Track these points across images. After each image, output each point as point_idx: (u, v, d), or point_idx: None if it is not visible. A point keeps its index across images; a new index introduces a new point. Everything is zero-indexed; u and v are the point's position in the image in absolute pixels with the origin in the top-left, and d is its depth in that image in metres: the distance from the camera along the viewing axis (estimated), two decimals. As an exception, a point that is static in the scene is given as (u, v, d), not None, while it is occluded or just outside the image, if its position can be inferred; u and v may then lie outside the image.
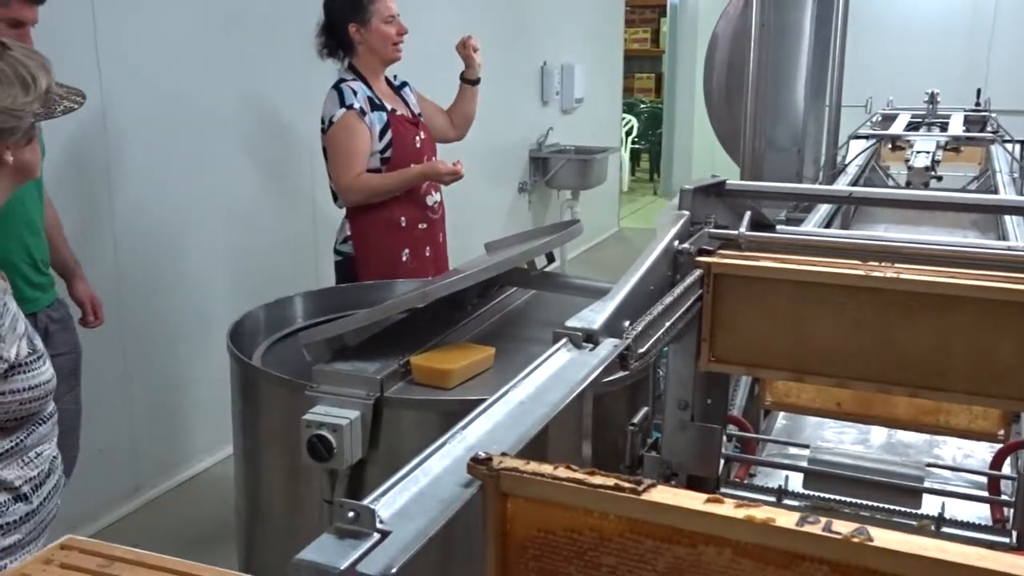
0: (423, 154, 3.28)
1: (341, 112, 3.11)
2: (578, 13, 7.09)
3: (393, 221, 3.23)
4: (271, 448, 2.31)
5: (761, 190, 1.71)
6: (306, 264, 4.25)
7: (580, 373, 1.06)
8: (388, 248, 3.24)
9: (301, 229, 4.25)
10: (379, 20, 3.16)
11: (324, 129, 3.19)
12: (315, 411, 2.01)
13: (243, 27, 3.80)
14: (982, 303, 1.38)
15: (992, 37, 8.19)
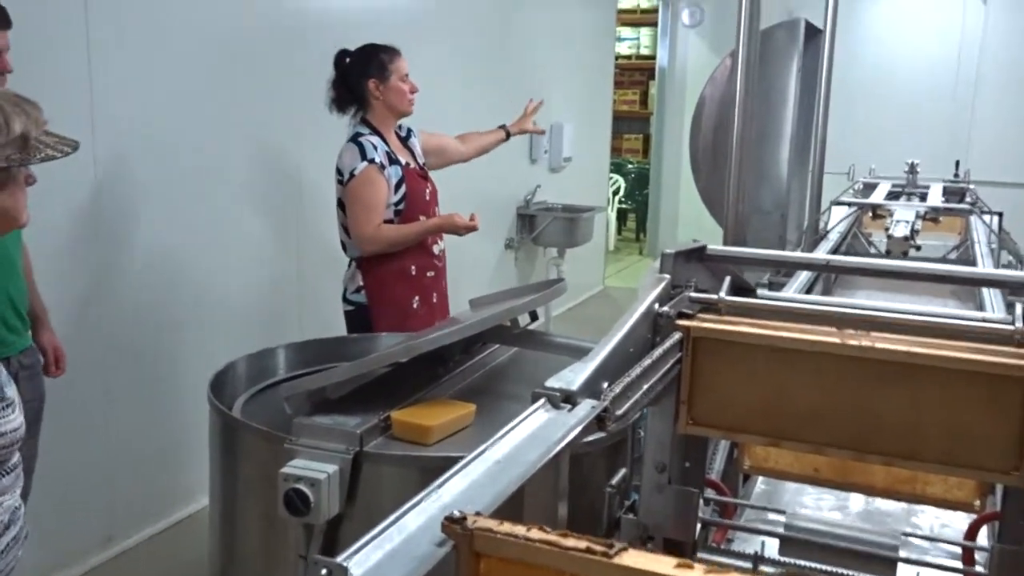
0: (431, 206, 3.46)
1: (363, 165, 3.25)
2: (569, 74, 7.21)
3: (404, 270, 3.37)
4: (248, 500, 2.30)
5: (741, 256, 1.74)
6: (289, 312, 4.27)
7: (557, 434, 1.07)
8: (400, 296, 3.37)
9: (289, 276, 4.27)
10: (397, 78, 3.35)
11: (342, 181, 3.30)
12: (293, 464, 2.00)
13: (242, 75, 3.85)
14: (956, 373, 1.40)
15: (973, 109, 8.36)
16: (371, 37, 4.57)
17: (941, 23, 8.49)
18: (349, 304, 3.42)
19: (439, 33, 5.18)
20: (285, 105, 4.05)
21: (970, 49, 8.41)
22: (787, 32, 4.98)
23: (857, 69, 7.79)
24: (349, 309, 3.42)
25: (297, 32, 4.08)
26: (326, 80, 3.43)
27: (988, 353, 1.41)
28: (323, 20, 4.25)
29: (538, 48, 6.59)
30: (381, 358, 2.33)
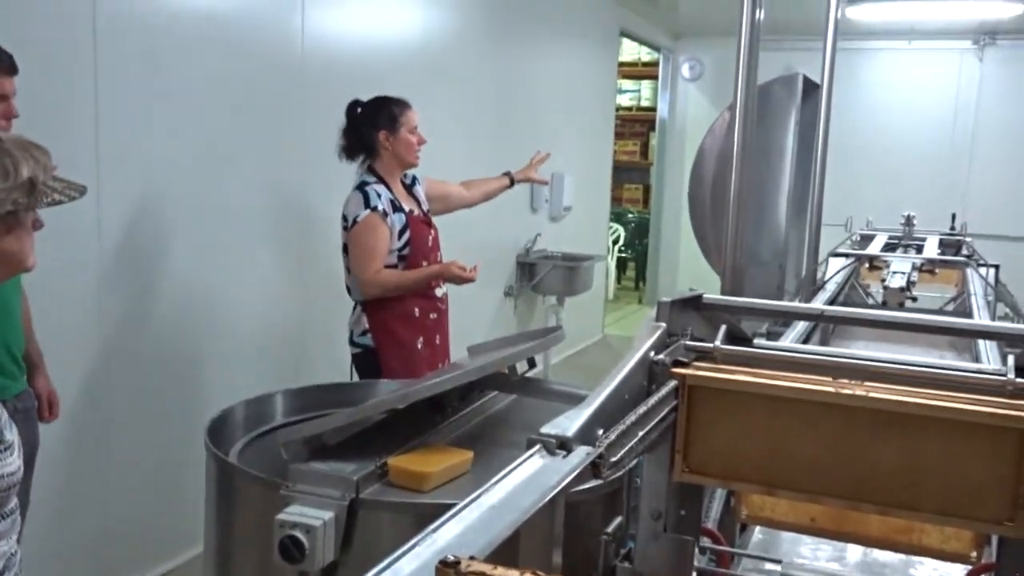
0: (433, 251, 3.59)
1: (366, 213, 3.37)
2: (571, 124, 7.30)
3: (408, 312, 3.48)
4: (243, 547, 2.28)
5: (736, 305, 1.75)
6: (295, 355, 4.28)
7: (552, 480, 1.08)
8: (404, 338, 3.46)
9: (296, 319, 4.28)
10: (406, 130, 3.48)
11: (347, 227, 3.42)
12: (289, 511, 1.99)
13: (250, 120, 3.91)
14: (951, 424, 1.41)
15: (970, 163, 8.45)
16: (378, 86, 4.65)
17: (938, 79, 8.63)
18: (356, 347, 3.51)
19: (445, 83, 5.26)
20: (294, 149, 4.11)
21: (966, 104, 8.52)
22: (785, 87, 5.05)
23: (854, 123, 7.89)
24: (356, 352, 3.51)
25: (306, 78, 4.15)
26: (336, 127, 3.52)
27: (981, 404, 1.42)
28: (331, 68, 4.33)
29: (541, 99, 6.69)
30: (378, 404, 2.33)
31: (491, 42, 5.95)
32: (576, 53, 7.52)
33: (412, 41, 5.04)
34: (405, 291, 3.44)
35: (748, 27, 3.06)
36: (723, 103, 5.58)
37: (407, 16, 5.02)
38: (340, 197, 3.49)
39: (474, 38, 5.74)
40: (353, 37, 4.55)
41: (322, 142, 3.77)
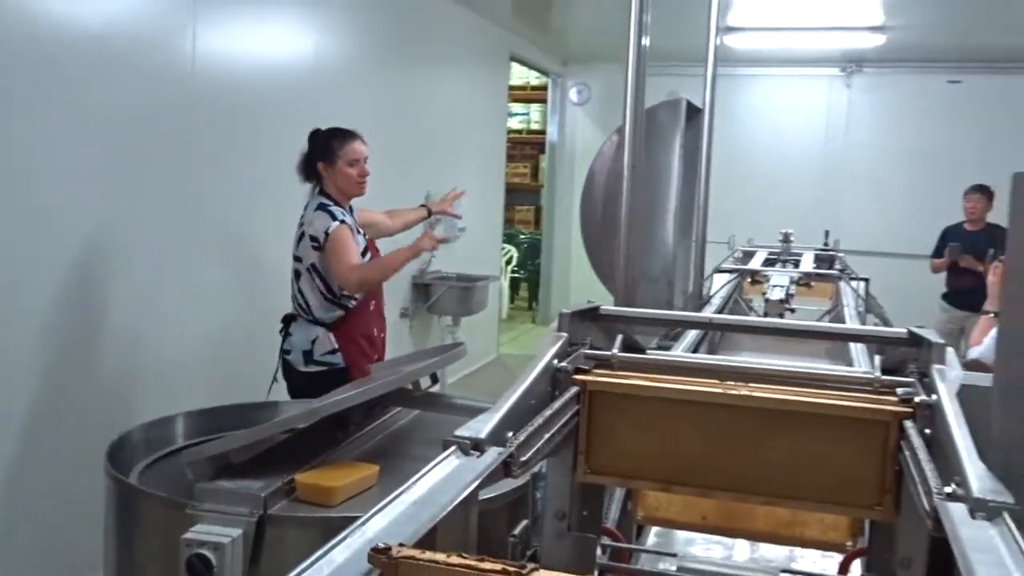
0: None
1: (336, 224, 3.53)
2: (463, 147, 7.40)
3: (369, 330, 3.70)
4: (147, 571, 2.26)
5: (631, 315, 1.86)
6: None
7: (468, 477, 1.15)
8: (368, 356, 3.64)
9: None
10: (343, 162, 3.61)
11: (319, 243, 3.53)
12: (196, 530, 2.00)
13: (140, 142, 3.85)
14: (826, 419, 1.54)
15: (840, 184, 8.93)
16: (271, 110, 4.67)
17: (810, 104, 9.11)
18: (322, 365, 3.58)
19: (339, 106, 5.27)
20: (189, 173, 4.07)
21: (836, 128, 9.03)
22: (669, 111, 5.27)
23: (735, 146, 8.25)
24: (318, 370, 3.58)
25: (197, 103, 4.12)
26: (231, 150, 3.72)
27: (852, 400, 1.56)
28: (224, 92, 4.30)
29: (434, 122, 6.77)
30: (284, 422, 2.35)
31: (384, 65, 6.01)
32: (468, 77, 7.64)
33: (305, 65, 5.05)
34: (385, 278, 3.67)
35: (635, 53, 3.22)
36: (610, 127, 5.78)
37: (299, 40, 5.03)
38: (240, 215, 3.50)
39: (367, 61, 5.79)
40: (246, 60, 4.54)
41: (217, 166, 3.76)
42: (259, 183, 4.56)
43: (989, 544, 0.99)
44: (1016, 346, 1.26)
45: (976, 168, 7.15)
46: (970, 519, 1.06)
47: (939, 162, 8.48)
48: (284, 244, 4.73)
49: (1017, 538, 0.99)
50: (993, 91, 8.49)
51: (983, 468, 1.15)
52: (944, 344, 1.54)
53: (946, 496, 1.13)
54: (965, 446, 1.21)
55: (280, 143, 4.73)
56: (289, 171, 4.76)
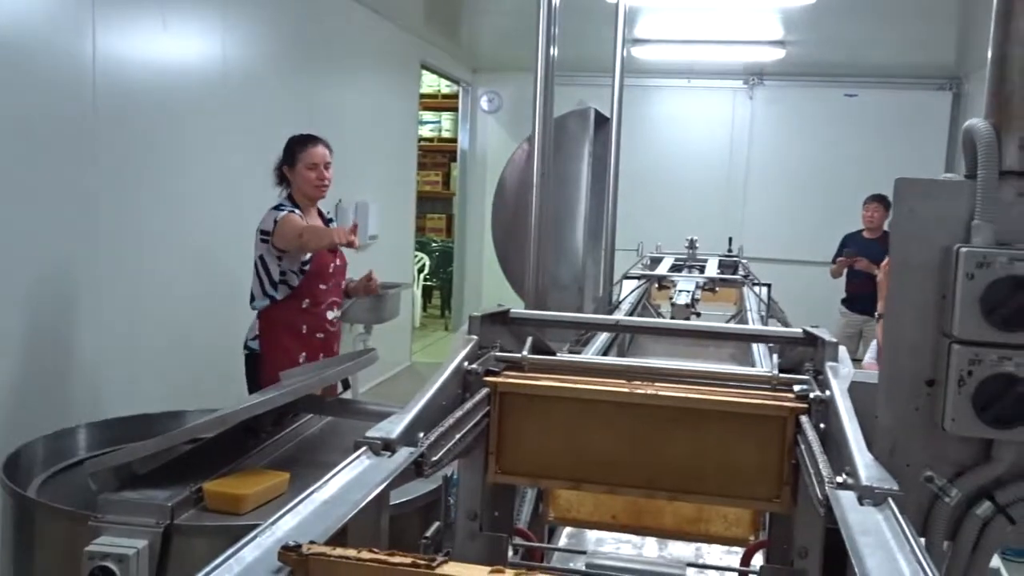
0: (333, 277, 3.94)
1: (284, 212, 3.76)
2: (374, 154, 7.36)
3: (296, 326, 3.81)
4: (46, 585, 2.20)
5: (540, 318, 1.89)
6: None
7: (379, 476, 1.16)
8: (289, 348, 3.77)
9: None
10: (303, 166, 3.86)
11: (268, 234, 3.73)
12: (99, 542, 1.96)
13: (39, 151, 3.73)
14: (727, 416, 1.60)
15: (745, 192, 9.19)
16: (177, 116, 4.59)
17: (715, 115, 9.36)
18: (247, 350, 3.85)
19: (247, 112, 5.20)
20: (88, 183, 3.95)
21: (740, 138, 9.29)
22: (578, 120, 5.34)
23: (643, 155, 8.41)
24: (247, 354, 3.85)
25: (99, 110, 4.00)
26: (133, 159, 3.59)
27: (752, 397, 1.62)
28: (127, 99, 4.19)
29: (344, 129, 6.71)
30: (189, 431, 2.31)
31: (294, 70, 5.94)
32: (379, 83, 7.61)
33: (212, 70, 4.96)
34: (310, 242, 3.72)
35: (544, 63, 3.27)
36: (521, 135, 5.84)
37: (206, 44, 4.94)
38: (146, 222, 3.40)
39: (276, 66, 5.71)
40: (150, 66, 4.43)
41: (122, 174, 3.67)
42: (167, 194, 4.47)
43: (876, 528, 1.05)
44: (899, 341, 1.34)
45: (871, 178, 7.43)
46: (858, 505, 1.12)
47: (837, 172, 8.80)
48: (192, 246, 4.67)
49: (901, 521, 1.05)
50: (886, 105, 8.86)
51: (871, 458, 1.22)
52: (836, 342, 1.61)
53: (837, 485, 1.19)
54: (855, 438, 1.27)
55: (186, 149, 4.65)
56: (197, 177, 4.70)
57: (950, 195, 1.30)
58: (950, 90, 8.81)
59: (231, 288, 4.80)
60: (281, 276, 3.79)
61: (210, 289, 4.83)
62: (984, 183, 1.26)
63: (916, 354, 1.33)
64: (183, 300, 4.60)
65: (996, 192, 1.27)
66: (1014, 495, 1.33)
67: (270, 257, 3.79)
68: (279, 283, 3.80)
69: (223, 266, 4.87)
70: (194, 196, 4.70)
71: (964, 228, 1.29)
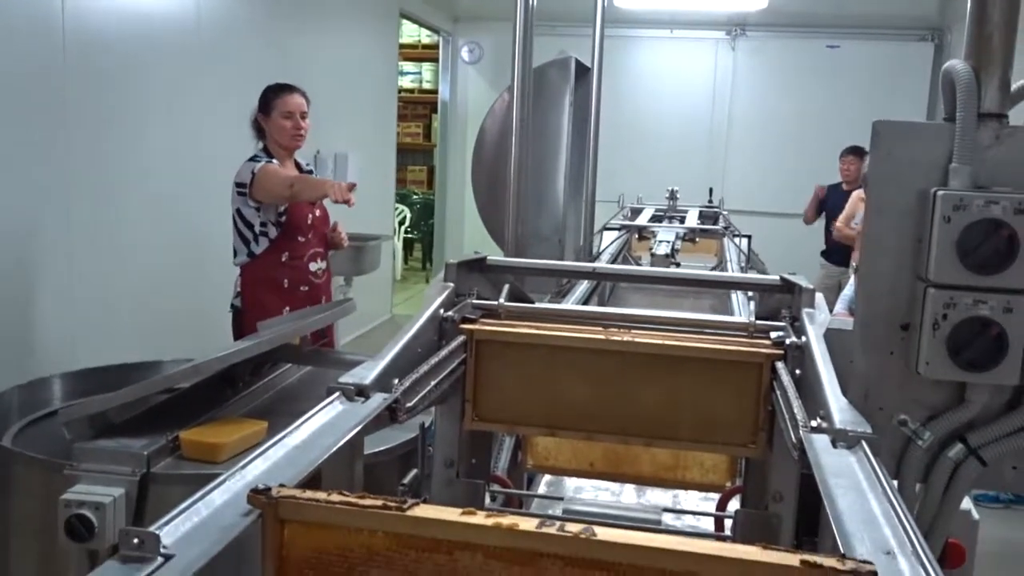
0: (312, 228, 3.84)
1: (261, 163, 3.67)
2: (353, 104, 7.27)
3: (277, 281, 3.74)
4: (22, 535, 2.19)
5: (517, 265, 1.88)
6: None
7: (351, 422, 1.15)
8: (270, 304, 3.67)
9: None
10: (278, 114, 3.77)
11: (246, 187, 3.63)
12: (75, 490, 1.94)
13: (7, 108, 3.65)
14: (704, 362, 1.60)
15: (727, 144, 9.16)
16: (150, 69, 4.50)
17: (697, 66, 9.28)
18: (232, 308, 3.79)
19: (222, 65, 5.11)
20: (57, 141, 3.88)
21: (722, 90, 9.23)
22: (559, 70, 5.29)
23: (624, 106, 8.35)
24: (231, 312, 3.79)
25: (69, 64, 3.92)
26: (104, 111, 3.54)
27: (729, 344, 1.62)
28: (97, 52, 4.10)
29: (322, 79, 6.60)
30: (165, 380, 2.30)
31: (268, 21, 5.83)
32: (355, 33, 7.48)
33: (185, 19, 4.85)
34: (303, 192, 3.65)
35: (523, 12, 3.22)
36: (502, 86, 5.77)
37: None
38: (119, 181, 3.35)
39: (251, 18, 5.60)
40: (120, 14, 4.33)
41: (94, 131, 3.59)
42: (139, 147, 4.39)
43: (848, 470, 1.05)
44: (875, 285, 1.33)
45: (853, 130, 7.38)
46: (832, 448, 1.12)
47: (819, 124, 8.76)
48: (164, 198, 4.60)
49: (873, 463, 1.05)
50: (868, 56, 8.81)
51: (845, 402, 1.22)
52: (813, 289, 1.61)
53: (811, 429, 1.19)
54: (829, 382, 1.27)
55: (158, 100, 4.56)
56: (169, 128, 4.62)
57: (928, 138, 1.28)
58: (932, 41, 8.77)
59: (206, 241, 4.76)
60: (261, 228, 3.72)
61: (184, 242, 4.78)
62: (962, 125, 1.25)
63: (891, 299, 1.33)
64: (156, 253, 4.55)
65: (974, 135, 1.26)
66: (986, 437, 1.34)
67: (248, 210, 3.71)
68: (259, 236, 3.73)
69: (197, 218, 4.81)
70: (166, 147, 4.62)
71: (942, 172, 1.28)
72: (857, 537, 0.88)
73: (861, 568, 0.78)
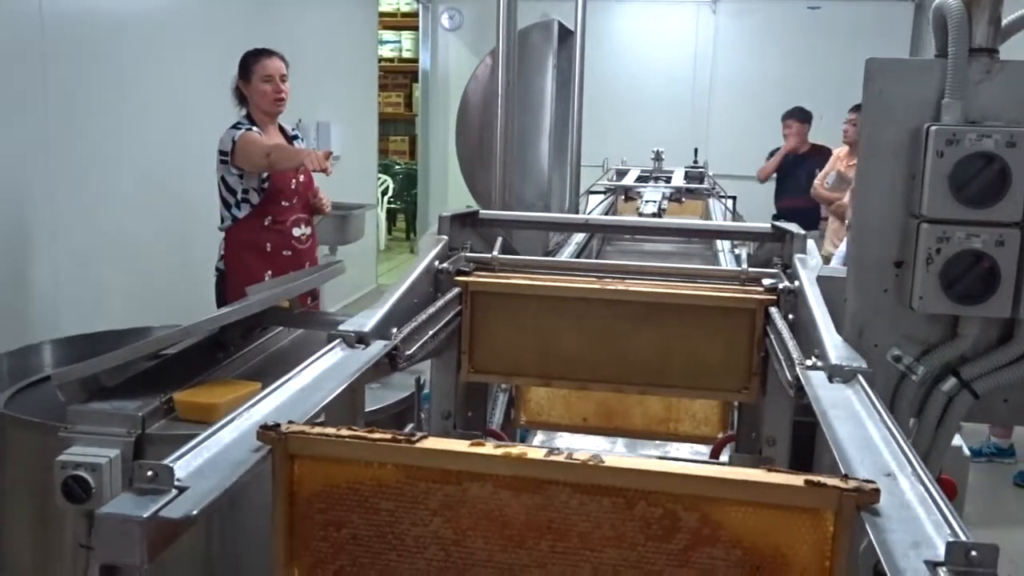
0: (296, 194, 3.86)
1: (241, 131, 3.68)
2: (333, 73, 7.21)
3: (260, 245, 3.76)
4: (16, 498, 2.20)
5: (509, 218, 1.89)
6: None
7: (354, 366, 1.15)
8: (253, 267, 3.69)
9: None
10: (258, 79, 3.77)
11: (227, 154, 3.65)
12: (71, 452, 1.94)
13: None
14: (697, 309, 1.61)
15: (709, 107, 9.16)
16: (129, 43, 4.45)
17: (677, 28, 9.26)
18: (216, 271, 3.82)
19: (200, 37, 5.05)
20: (36, 118, 3.83)
21: (704, 54, 9.21)
22: (542, 32, 5.24)
23: (607, 70, 8.31)
24: (215, 276, 3.82)
25: (48, 40, 3.86)
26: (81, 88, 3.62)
27: (722, 291, 1.63)
28: (76, 27, 4.05)
29: (299, 47, 6.53)
30: (157, 341, 2.29)
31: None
32: (335, 0, 7.41)
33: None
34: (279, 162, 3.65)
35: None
36: (483, 52, 5.73)
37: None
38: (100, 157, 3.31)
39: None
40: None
41: (73, 107, 3.55)
42: (122, 116, 4.35)
43: (846, 402, 1.07)
44: (867, 223, 1.35)
45: (833, 91, 7.40)
46: (828, 383, 1.14)
47: (801, 85, 8.74)
48: (147, 166, 4.56)
49: (871, 395, 1.07)
50: (849, 18, 8.81)
51: (840, 340, 1.23)
52: (804, 235, 1.62)
53: (807, 367, 1.21)
54: (823, 321, 1.29)
55: (139, 70, 4.51)
56: (150, 97, 4.57)
57: (919, 75, 1.29)
58: (912, 1, 8.77)
59: (190, 209, 4.73)
60: (244, 194, 3.74)
61: (168, 210, 4.75)
62: (954, 61, 1.26)
63: (884, 236, 1.34)
64: (140, 222, 4.52)
65: (966, 70, 1.27)
66: (978, 370, 1.36)
67: (231, 177, 3.73)
68: (241, 202, 3.76)
69: (180, 186, 4.78)
70: (147, 116, 4.58)
71: (933, 108, 1.29)
72: (857, 461, 0.90)
73: (864, 486, 0.80)
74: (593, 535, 0.83)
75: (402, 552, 0.86)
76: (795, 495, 0.81)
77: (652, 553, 0.83)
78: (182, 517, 0.74)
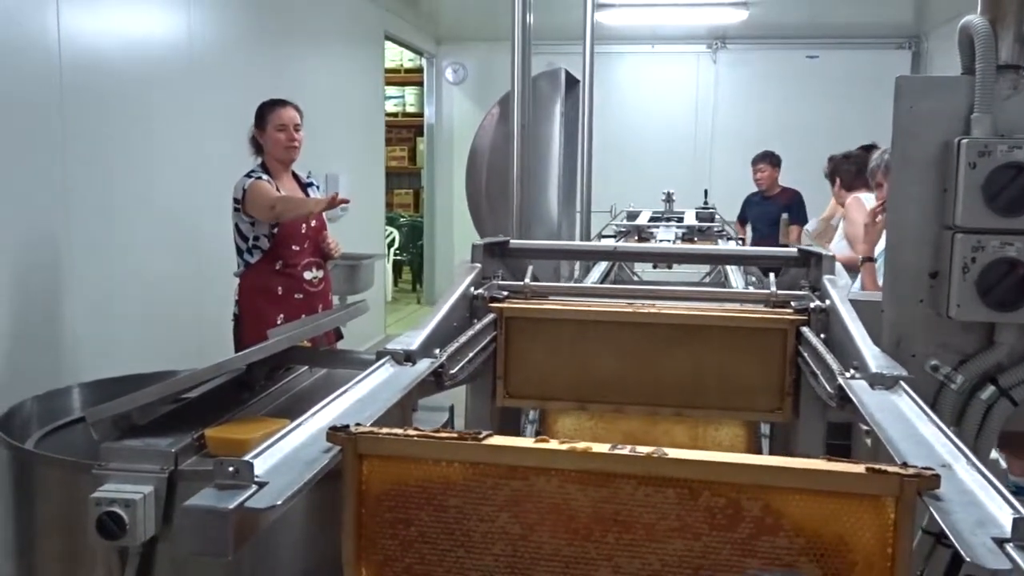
0: (307, 238, 3.93)
1: (252, 180, 3.78)
2: (342, 125, 7.32)
3: (272, 289, 3.84)
4: (48, 538, 2.19)
5: (538, 248, 1.92)
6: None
7: (405, 381, 1.18)
8: (265, 312, 3.79)
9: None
10: (272, 128, 3.89)
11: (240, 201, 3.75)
12: (105, 488, 1.95)
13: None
14: (728, 330, 1.64)
15: (711, 155, 9.27)
16: (143, 90, 4.55)
17: (680, 79, 9.42)
18: (233, 317, 3.90)
19: (212, 86, 5.15)
20: (54, 162, 3.90)
21: (705, 101, 9.36)
22: (549, 81, 5.35)
23: (611, 117, 8.44)
24: (232, 322, 3.90)
25: (66, 85, 3.95)
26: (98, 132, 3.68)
27: (752, 312, 1.66)
28: (93, 72, 4.13)
29: (310, 101, 6.64)
30: (190, 378, 2.31)
31: (257, 44, 5.88)
32: (343, 55, 7.55)
33: (178, 43, 4.90)
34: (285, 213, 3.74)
35: (520, 27, 3.32)
36: (487, 104, 5.83)
37: (171, 18, 4.88)
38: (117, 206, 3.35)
39: (240, 40, 5.65)
40: (115, 40, 4.36)
41: (90, 156, 3.61)
42: (134, 163, 4.42)
43: (891, 406, 1.09)
44: (902, 236, 1.38)
45: (831, 137, 7.49)
46: (871, 390, 1.16)
47: (801, 133, 8.88)
48: (164, 217, 4.62)
49: (915, 399, 1.09)
50: (846, 66, 8.97)
51: (878, 350, 1.26)
52: (832, 256, 1.65)
53: (848, 378, 1.23)
54: (860, 335, 1.31)
55: (154, 122, 4.59)
56: (166, 149, 4.65)
57: (947, 92, 1.34)
58: (909, 49, 8.93)
59: (207, 256, 4.78)
60: (255, 240, 3.83)
61: (185, 258, 4.80)
62: (982, 76, 1.31)
63: (919, 248, 1.38)
64: (158, 267, 4.57)
65: (994, 85, 1.32)
66: (1016, 378, 1.39)
67: (243, 224, 3.82)
68: (253, 248, 3.84)
69: (197, 235, 4.84)
70: (164, 168, 4.65)
71: (962, 123, 1.33)
72: (912, 455, 0.92)
73: (924, 472, 0.82)
74: (658, 526, 0.85)
75: (469, 548, 0.88)
76: (856, 482, 0.83)
77: (717, 543, 0.84)
78: (267, 507, 0.76)
